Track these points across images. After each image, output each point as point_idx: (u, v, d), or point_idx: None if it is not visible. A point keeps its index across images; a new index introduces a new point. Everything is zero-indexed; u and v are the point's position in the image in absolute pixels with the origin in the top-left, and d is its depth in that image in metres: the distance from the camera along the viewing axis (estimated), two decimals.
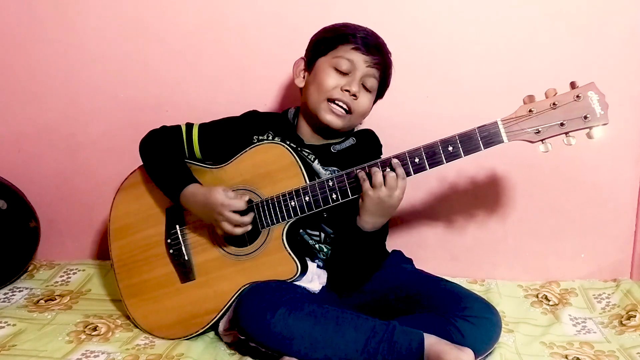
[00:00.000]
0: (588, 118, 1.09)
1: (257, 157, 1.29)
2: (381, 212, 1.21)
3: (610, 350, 1.29)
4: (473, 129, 1.14)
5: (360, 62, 1.28)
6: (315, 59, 1.33)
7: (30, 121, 1.72)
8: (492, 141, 1.13)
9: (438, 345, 1.11)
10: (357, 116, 1.32)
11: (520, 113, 1.12)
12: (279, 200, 1.25)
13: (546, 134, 1.11)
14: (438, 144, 1.15)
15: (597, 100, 1.09)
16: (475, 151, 1.14)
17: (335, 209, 1.24)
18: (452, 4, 1.53)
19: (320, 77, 1.30)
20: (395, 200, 1.18)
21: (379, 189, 1.17)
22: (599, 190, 1.57)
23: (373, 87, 1.32)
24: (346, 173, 1.21)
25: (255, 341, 1.18)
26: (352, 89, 1.27)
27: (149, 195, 1.38)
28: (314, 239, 1.34)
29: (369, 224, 1.22)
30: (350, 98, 1.28)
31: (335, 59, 1.29)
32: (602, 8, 1.49)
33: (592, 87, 1.10)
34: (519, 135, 1.12)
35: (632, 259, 1.60)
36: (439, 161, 1.16)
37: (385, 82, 1.35)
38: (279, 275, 1.25)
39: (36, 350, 1.28)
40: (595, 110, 1.09)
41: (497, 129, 1.13)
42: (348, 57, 1.28)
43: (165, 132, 1.38)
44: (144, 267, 1.38)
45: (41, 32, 1.66)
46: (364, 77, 1.29)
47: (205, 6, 1.59)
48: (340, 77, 1.29)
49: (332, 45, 1.30)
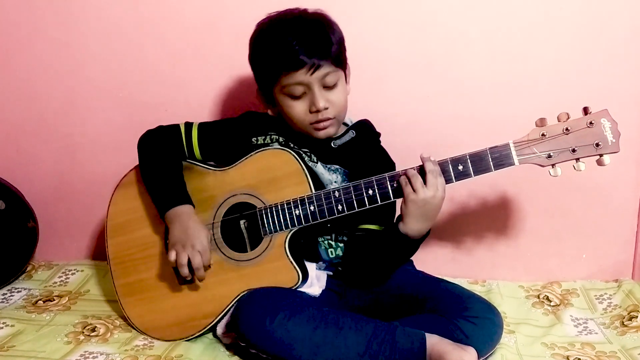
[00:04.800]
0: (600, 146, 1.09)
1: (263, 162, 1.28)
2: (426, 216, 1.17)
3: (611, 351, 1.29)
4: (484, 149, 1.14)
5: (308, 77, 1.21)
6: (268, 89, 1.28)
7: (29, 121, 1.71)
8: (502, 163, 1.13)
9: (440, 344, 1.10)
10: (340, 113, 1.29)
11: (533, 136, 1.12)
12: (283, 207, 1.24)
13: (557, 159, 1.12)
14: (448, 162, 1.15)
15: (609, 128, 1.09)
16: (486, 172, 1.14)
17: (340, 218, 1.23)
18: (452, 4, 1.52)
19: (286, 110, 1.27)
20: (438, 200, 1.15)
21: (422, 191, 1.14)
22: (601, 191, 1.56)
23: (334, 79, 1.24)
24: (353, 185, 1.20)
25: (255, 347, 1.17)
26: (318, 106, 1.22)
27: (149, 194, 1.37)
28: (323, 237, 1.33)
29: (414, 231, 1.18)
30: (323, 113, 1.24)
31: (286, 88, 1.23)
32: (604, 7, 1.48)
33: (605, 115, 1.10)
34: (530, 159, 1.13)
35: (634, 260, 1.59)
36: (449, 179, 1.16)
37: (340, 59, 1.25)
38: (279, 283, 1.24)
39: (35, 351, 1.27)
40: (607, 138, 1.09)
41: (509, 151, 1.13)
42: (296, 82, 1.21)
43: (163, 132, 1.36)
44: (141, 266, 1.37)
45: (40, 31, 1.66)
46: (321, 82, 1.22)
47: (205, 6, 1.58)
48: (302, 101, 1.24)
49: (275, 77, 1.23)
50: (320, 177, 1.31)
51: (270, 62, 1.24)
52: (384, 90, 1.54)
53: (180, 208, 1.27)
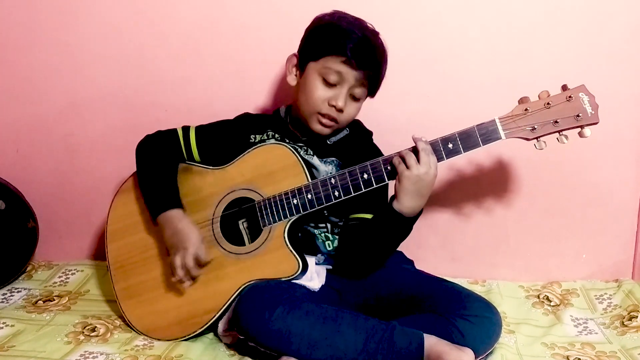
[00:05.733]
0: (580, 117, 1.15)
1: (260, 157, 1.30)
2: (419, 193, 1.20)
3: (611, 351, 1.29)
4: (472, 126, 1.19)
5: (349, 75, 1.27)
6: (306, 60, 1.31)
7: (29, 121, 1.71)
8: (490, 138, 1.18)
9: (438, 345, 1.11)
10: (343, 124, 1.34)
11: (517, 112, 1.18)
12: (281, 198, 1.25)
13: (541, 132, 1.17)
14: (438, 142, 1.20)
15: (587, 101, 1.16)
16: (474, 147, 1.19)
17: (335, 205, 1.25)
18: (453, 3, 1.52)
19: (309, 87, 1.29)
20: (431, 177, 1.18)
21: (415, 167, 1.17)
22: (600, 191, 1.56)
23: (361, 95, 1.32)
24: (349, 171, 1.22)
25: (254, 340, 1.17)
26: (338, 104, 1.27)
27: None
28: (320, 229, 1.34)
29: (408, 208, 1.21)
30: (336, 113, 1.29)
31: (324, 69, 1.27)
32: (603, 7, 1.48)
33: (582, 89, 1.16)
34: (515, 132, 1.18)
35: (634, 260, 1.60)
36: (440, 157, 1.20)
37: (376, 86, 1.34)
38: (280, 272, 1.24)
39: (35, 351, 1.27)
40: (586, 110, 1.15)
41: (495, 127, 1.18)
42: (337, 70, 1.26)
43: (161, 137, 1.38)
44: (141, 269, 1.37)
45: (40, 32, 1.66)
46: (352, 89, 1.29)
47: (204, 6, 1.58)
48: (328, 89, 1.28)
49: (322, 52, 1.28)
50: (316, 169, 1.34)
51: (330, 37, 1.27)
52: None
53: (169, 212, 1.30)
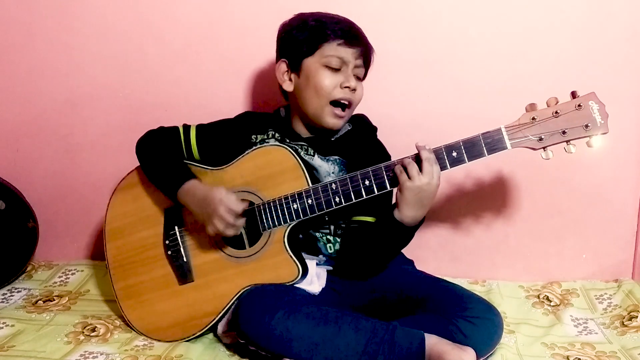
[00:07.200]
0: (589, 127, 1.11)
1: (259, 159, 1.28)
2: (421, 203, 1.19)
3: (611, 351, 1.29)
4: (477, 135, 1.15)
5: (349, 56, 1.28)
6: (299, 59, 1.31)
7: (29, 121, 1.71)
8: (495, 147, 1.15)
9: (439, 345, 1.10)
10: (353, 108, 1.33)
11: (524, 120, 1.14)
12: (281, 202, 1.24)
13: (548, 142, 1.14)
14: (442, 150, 1.17)
15: (597, 110, 1.11)
16: (479, 157, 1.15)
17: (337, 210, 1.23)
18: (453, 3, 1.52)
19: (315, 80, 1.29)
20: (433, 187, 1.17)
21: (417, 178, 1.15)
22: (601, 191, 1.56)
23: (362, 74, 1.33)
24: (350, 177, 1.20)
25: (254, 344, 1.17)
26: (351, 84, 1.28)
27: (147, 196, 1.37)
28: (321, 232, 1.34)
29: (409, 218, 1.20)
30: (350, 93, 1.29)
31: (325, 58, 1.28)
32: (604, 8, 1.48)
33: (592, 97, 1.12)
34: (522, 142, 1.14)
35: (634, 260, 1.59)
36: (443, 166, 1.17)
37: (368, 66, 1.35)
38: (280, 277, 1.24)
39: (35, 351, 1.27)
40: (595, 119, 1.11)
41: (501, 136, 1.15)
42: (337, 55, 1.27)
43: (162, 133, 1.37)
44: (140, 269, 1.37)
45: (40, 32, 1.66)
46: (354, 69, 1.30)
47: (204, 6, 1.58)
48: (335, 75, 1.28)
49: (316, 45, 1.28)
50: (318, 170, 1.32)
51: (316, 30, 1.28)
52: (384, 89, 1.54)
53: (185, 185, 1.27)
